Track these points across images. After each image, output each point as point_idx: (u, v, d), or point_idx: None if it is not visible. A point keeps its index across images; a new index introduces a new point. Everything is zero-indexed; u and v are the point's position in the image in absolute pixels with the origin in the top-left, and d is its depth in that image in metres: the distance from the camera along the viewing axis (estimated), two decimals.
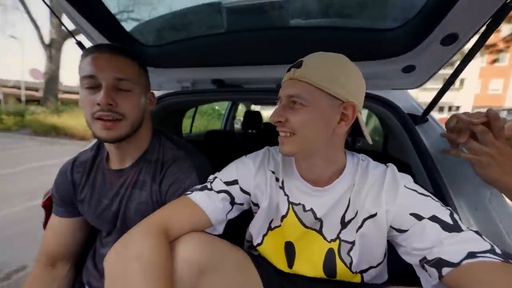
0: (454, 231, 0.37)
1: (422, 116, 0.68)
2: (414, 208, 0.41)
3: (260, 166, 0.56)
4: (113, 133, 0.52)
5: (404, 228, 0.42)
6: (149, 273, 0.33)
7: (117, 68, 0.53)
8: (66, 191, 0.63)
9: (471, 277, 0.31)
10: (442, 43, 0.59)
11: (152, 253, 0.35)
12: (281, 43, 0.80)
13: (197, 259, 0.38)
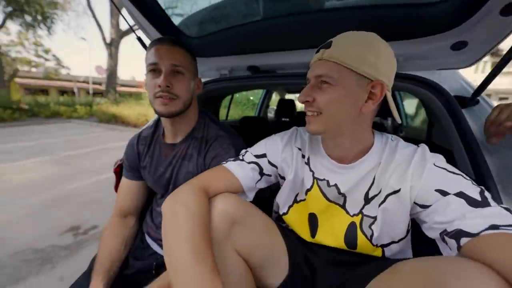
0: (480, 206, 0.35)
1: (472, 97, 0.61)
2: (441, 184, 0.40)
3: (287, 142, 0.60)
4: (169, 108, 0.63)
5: (427, 204, 0.42)
6: (191, 217, 0.41)
7: (174, 57, 0.64)
8: (133, 160, 0.79)
9: (488, 245, 0.31)
10: (502, 13, 0.52)
11: (194, 203, 0.44)
12: (316, 27, 0.80)
13: (230, 212, 0.46)
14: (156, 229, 0.75)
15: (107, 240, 0.72)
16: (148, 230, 0.78)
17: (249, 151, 0.61)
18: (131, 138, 0.83)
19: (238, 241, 0.45)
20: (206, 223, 0.43)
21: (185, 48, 0.68)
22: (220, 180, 0.52)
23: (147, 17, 0.85)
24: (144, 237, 0.78)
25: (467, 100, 0.63)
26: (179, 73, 0.65)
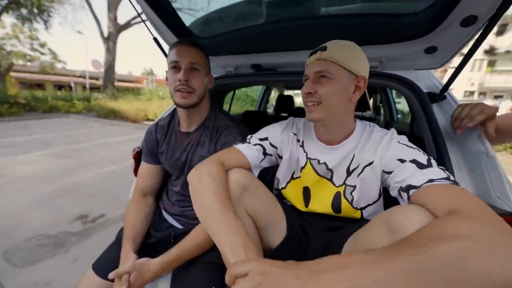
0: (425, 168, 0.48)
1: (440, 94, 0.74)
2: (401, 155, 0.53)
3: (284, 128, 0.73)
4: (187, 101, 0.75)
5: (391, 170, 0.54)
6: (215, 180, 0.53)
7: (192, 55, 0.75)
8: (152, 146, 0.90)
9: (427, 193, 0.43)
10: (462, 25, 0.64)
11: (216, 171, 0.56)
12: (312, 30, 0.92)
13: (242, 181, 0.57)
14: (172, 205, 0.87)
15: (130, 215, 0.84)
16: (164, 206, 0.90)
17: (254, 136, 0.72)
18: (149, 126, 0.95)
19: (247, 204, 0.57)
20: (225, 187, 0.54)
21: (201, 49, 0.79)
22: (232, 157, 0.64)
23: (163, 20, 0.95)
24: (162, 213, 0.90)
25: (437, 96, 0.75)
26: (195, 70, 0.76)
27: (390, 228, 0.41)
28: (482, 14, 0.60)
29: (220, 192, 0.50)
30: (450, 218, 0.35)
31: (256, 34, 1.01)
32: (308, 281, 0.32)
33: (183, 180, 0.85)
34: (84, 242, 1.87)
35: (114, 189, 2.89)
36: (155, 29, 1.02)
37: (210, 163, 0.58)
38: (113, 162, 3.95)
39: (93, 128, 7.34)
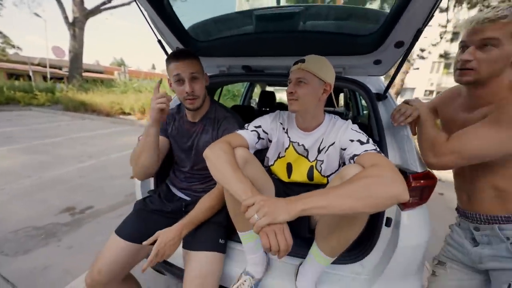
0: (364, 144, 0.73)
1: (383, 94, 1.02)
2: (351, 137, 0.78)
3: (273, 119, 0.95)
4: (195, 105, 0.93)
5: (345, 147, 0.79)
6: (226, 154, 0.72)
7: (190, 66, 0.91)
8: (164, 123, 1.05)
9: (363, 157, 0.68)
10: (395, 47, 0.92)
11: (226, 148, 0.75)
12: (293, 41, 1.14)
13: (244, 155, 0.77)
14: (180, 181, 1.05)
15: None
16: (173, 182, 1.08)
17: (250, 124, 0.93)
18: None
19: (248, 173, 0.77)
20: (234, 157, 0.74)
21: (194, 56, 0.95)
22: (236, 139, 0.84)
23: (166, 23, 1.09)
24: (170, 188, 1.08)
25: (381, 96, 1.03)
26: (196, 78, 0.93)
27: (340, 178, 0.66)
28: (406, 40, 0.87)
29: (230, 160, 0.70)
30: (370, 167, 0.61)
31: (247, 41, 1.20)
32: (290, 203, 0.55)
33: (192, 161, 1.03)
34: (77, 231, 1.93)
35: (97, 182, 2.88)
36: (158, 32, 1.16)
37: (220, 143, 0.78)
38: (91, 156, 3.85)
39: (63, 122, 6.86)
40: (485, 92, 0.71)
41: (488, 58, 0.66)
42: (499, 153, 0.65)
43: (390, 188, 0.54)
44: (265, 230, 0.53)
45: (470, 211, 0.78)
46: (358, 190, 0.54)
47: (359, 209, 0.54)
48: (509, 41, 0.63)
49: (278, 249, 0.53)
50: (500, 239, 0.70)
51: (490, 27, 0.64)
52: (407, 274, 0.85)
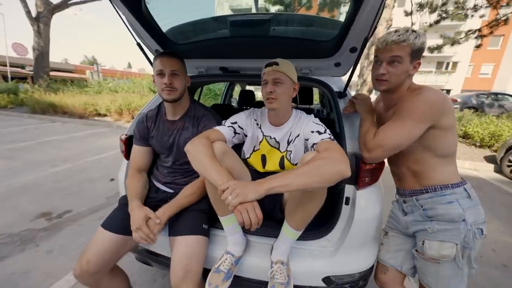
0: (321, 134, 0.87)
1: (343, 92, 1.18)
2: (313, 128, 0.91)
3: (248, 115, 1.06)
4: (171, 96, 1.00)
5: (308, 138, 0.92)
6: (205, 147, 0.81)
7: (172, 64, 0.99)
8: (144, 132, 1.11)
9: (319, 145, 0.82)
10: (350, 52, 1.08)
11: (205, 142, 0.83)
12: (264, 45, 1.26)
13: (222, 148, 0.87)
14: (164, 176, 1.12)
15: (132, 184, 1.05)
16: (157, 178, 1.14)
17: (227, 120, 1.03)
18: (139, 117, 1.16)
19: (226, 163, 0.87)
20: (212, 150, 0.83)
21: (178, 57, 1.04)
22: (214, 134, 0.93)
23: (144, 27, 1.15)
24: (153, 183, 1.14)
25: (341, 94, 1.19)
26: (176, 74, 1.01)
27: (301, 162, 0.79)
28: (358, 46, 1.03)
29: (209, 153, 0.80)
30: (323, 152, 0.75)
31: (223, 44, 1.30)
32: (258, 185, 0.67)
33: (173, 157, 1.11)
34: (56, 236, 1.89)
35: (75, 186, 2.79)
36: (137, 36, 1.21)
37: (200, 138, 0.87)
38: (65, 160, 3.68)
39: (30, 126, 6.38)
40: (394, 96, 0.92)
41: (396, 72, 0.84)
42: (409, 141, 0.82)
43: (336, 167, 0.68)
44: (238, 208, 0.64)
45: (400, 188, 0.98)
46: (311, 170, 0.68)
47: (312, 184, 0.67)
48: (408, 58, 0.83)
49: (250, 223, 0.64)
50: (417, 208, 0.89)
51: (395, 47, 0.82)
52: (364, 242, 1.01)
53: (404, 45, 0.82)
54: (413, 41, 0.81)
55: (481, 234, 0.81)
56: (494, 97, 10.08)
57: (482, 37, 8.42)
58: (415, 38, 0.81)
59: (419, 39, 0.81)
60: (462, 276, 0.83)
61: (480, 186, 3.47)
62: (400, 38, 0.81)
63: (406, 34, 0.81)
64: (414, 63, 0.85)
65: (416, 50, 0.82)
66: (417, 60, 0.85)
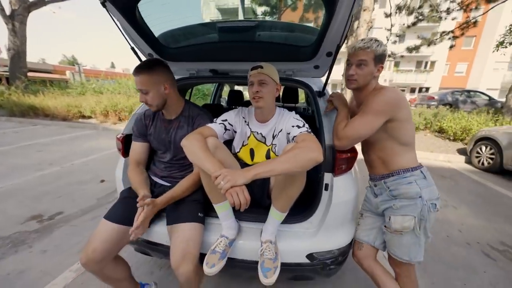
0: (300, 127, 1.00)
1: (322, 91, 1.32)
2: (293, 123, 1.04)
3: (237, 114, 1.17)
4: (152, 108, 1.11)
5: (289, 132, 1.05)
6: (199, 142, 0.91)
7: (141, 83, 1.04)
8: (142, 129, 1.20)
9: (298, 137, 0.95)
10: (326, 56, 1.21)
11: (199, 137, 0.94)
12: (251, 49, 1.38)
13: (214, 143, 0.97)
14: (161, 171, 1.21)
15: (135, 176, 1.14)
16: (155, 172, 1.23)
17: (218, 118, 1.14)
18: (137, 116, 1.24)
19: (219, 156, 0.98)
20: (206, 144, 0.94)
21: (148, 71, 1.04)
22: (207, 131, 1.03)
23: (138, 33, 1.23)
24: (151, 178, 1.23)
25: (320, 93, 1.33)
26: (146, 92, 1.06)
27: (283, 152, 0.92)
28: (333, 51, 1.17)
29: (203, 146, 0.90)
30: (301, 142, 0.88)
31: (212, 48, 1.40)
32: (246, 171, 0.78)
33: (171, 153, 1.20)
34: (49, 237, 1.91)
35: (64, 189, 2.77)
36: (130, 40, 1.28)
37: (194, 134, 0.97)
38: (51, 164, 3.61)
39: (9, 129, 6.11)
40: (362, 94, 1.08)
41: (362, 73, 1.00)
42: (371, 131, 0.98)
43: (310, 154, 0.82)
44: (229, 191, 0.75)
45: (371, 174, 1.14)
46: (290, 157, 0.80)
47: (292, 169, 0.80)
48: (372, 62, 0.99)
49: (239, 203, 0.76)
50: (385, 189, 1.05)
51: (361, 52, 0.98)
52: (342, 223, 1.15)
53: (368, 51, 0.97)
54: (375, 48, 0.96)
55: (435, 208, 0.98)
56: (467, 94, 10.82)
57: (455, 38, 9.00)
58: (377, 46, 0.96)
59: (380, 47, 0.96)
60: (419, 244, 0.99)
61: (452, 176, 3.78)
62: (365, 45, 0.97)
63: (370, 42, 0.97)
64: (378, 66, 1.00)
65: (379, 55, 0.98)
66: (380, 64, 1.00)
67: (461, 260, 1.78)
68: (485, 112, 5.97)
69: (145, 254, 1.31)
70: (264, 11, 6.61)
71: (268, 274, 0.93)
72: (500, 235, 2.14)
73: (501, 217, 2.47)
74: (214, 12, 13.03)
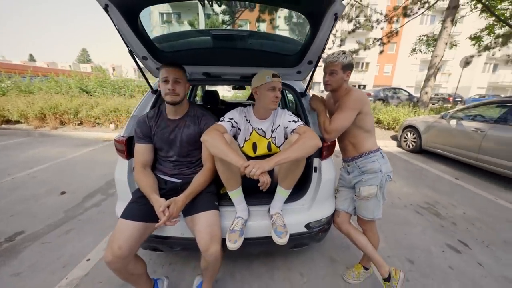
0: (296, 122, 1.25)
1: (304, 93, 1.60)
2: (289, 119, 1.28)
3: (239, 113, 1.33)
4: (174, 99, 1.18)
5: (286, 126, 1.29)
6: (219, 136, 1.06)
7: (175, 73, 1.17)
8: (146, 130, 1.23)
9: (298, 129, 1.19)
10: (308, 64, 1.49)
11: (218, 133, 1.09)
12: (242, 55, 1.55)
13: (229, 138, 1.13)
14: (170, 169, 1.28)
15: (142, 179, 1.17)
16: (163, 171, 1.29)
17: (226, 116, 1.28)
18: (140, 118, 1.27)
19: (234, 149, 1.14)
20: (225, 139, 1.08)
21: (181, 67, 1.21)
22: (220, 127, 1.17)
23: (137, 35, 1.26)
24: (160, 177, 1.28)
25: (302, 94, 1.61)
26: (178, 82, 1.19)
27: (289, 142, 1.15)
28: (313, 60, 1.45)
29: (224, 140, 1.06)
30: (303, 134, 1.12)
31: (206, 53, 1.52)
32: (269, 160, 0.99)
33: (178, 151, 1.28)
34: (17, 258, 1.69)
35: (15, 206, 2.38)
36: (127, 44, 1.29)
37: (212, 130, 1.12)
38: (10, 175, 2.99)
39: None
40: (337, 94, 1.39)
41: (334, 80, 1.31)
42: (349, 123, 1.30)
43: (314, 141, 1.07)
44: (260, 175, 0.96)
45: (345, 157, 1.48)
46: (299, 145, 1.05)
47: (302, 154, 1.04)
48: (341, 71, 1.29)
49: (265, 183, 0.98)
50: (356, 167, 1.39)
51: (331, 65, 1.29)
52: (327, 197, 1.46)
53: (336, 63, 1.28)
54: (342, 60, 1.27)
55: (389, 178, 1.36)
56: (394, 91, 13.19)
57: (383, 44, 10.83)
58: (343, 58, 1.27)
59: (346, 58, 1.27)
60: (379, 206, 1.37)
61: (389, 158, 4.71)
62: (333, 59, 1.28)
63: (337, 56, 1.27)
64: (346, 73, 1.31)
65: (345, 65, 1.29)
66: (348, 71, 1.31)
67: (402, 219, 2.36)
68: (407, 105, 7.50)
69: (155, 250, 1.36)
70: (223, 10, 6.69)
71: (282, 236, 1.16)
72: (424, 198, 2.88)
73: (423, 185, 3.29)
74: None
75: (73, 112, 6.06)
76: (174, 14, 11.23)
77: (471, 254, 1.87)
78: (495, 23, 9.41)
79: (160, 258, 1.70)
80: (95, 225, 2.11)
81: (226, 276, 1.55)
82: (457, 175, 3.71)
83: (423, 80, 8.06)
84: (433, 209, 2.59)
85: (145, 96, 1.53)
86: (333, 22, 1.12)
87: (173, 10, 11.99)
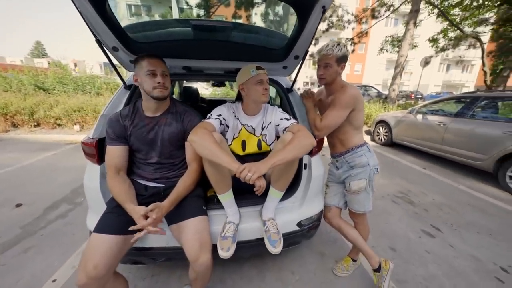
0: (288, 120, 1.21)
1: (290, 89, 1.57)
2: (280, 116, 1.23)
3: (228, 109, 1.25)
4: (164, 94, 1.07)
5: (278, 124, 1.24)
6: (208, 135, 0.96)
7: (162, 66, 1.06)
8: (120, 131, 1.08)
9: (290, 128, 1.16)
10: (294, 58, 1.46)
11: (207, 132, 0.99)
12: (225, 48, 1.46)
13: (219, 137, 1.04)
14: (151, 173, 1.15)
15: (116, 185, 1.03)
16: (143, 176, 1.15)
17: (213, 113, 1.18)
18: (112, 117, 1.11)
19: (224, 149, 1.06)
20: (215, 139, 0.99)
21: (163, 59, 1.10)
22: (208, 125, 1.07)
23: (105, 22, 1.09)
24: (139, 183, 1.14)
25: (289, 90, 1.57)
26: (166, 75, 1.08)
27: (282, 141, 1.10)
28: (300, 55, 1.42)
29: (214, 140, 0.97)
30: (297, 132, 1.08)
31: (186, 45, 1.40)
32: (265, 162, 0.93)
33: (158, 152, 1.15)
34: None
35: None
36: (93, 32, 1.12)
37: (201, 129, 1.02)
38: None
39: None
40: (331, 88, 1.37)
41: (328, 73, 1.29)
42: (341, 121, 1.30)
43: (309, 140, 1.04)
44: (255, 180, 0.90)
45: (333, 152, 1.48)
46: (296, 145, 1.00)
47: (299, 154, 1.00)
48: (335, 64, 1.27)
49: (261, 187, 0.91)
50: (345, 162, 1.40)
51: (325, 58, 1.26)
52: (317, 193, 1.46)
53: (331, 56, 1.24)
54: (336, 53, 1.24)
55: (377, 171, 1.40)
56: (365, 88, 14.01)
57: (354, 43, 11.42)
58: (338, 51, 1.24)
59: (340, 51, 1.24)
60: (369, 198, 1.40)
61: None
62: (327, 52, 1.24)
63: (332, 48, 1.23)
64: (341, 65, 1.29)
65: (340, 58, 1.26)
66: (342, 63, 1.29)
67: (381, 209, 2.49)
68: (378, 102, 8.00)
69: (135, 263, 1.23)
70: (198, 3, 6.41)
71: (276, 245, 1.11)
72: (398, 187, 3.08)
73: (396, 175, 3.52)
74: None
75: (28, 113, 5.36)
76: (143, 6, 10.44)
77: (443, 237, 2.03)
78: (449, 27, 10.48)
79: (140, 271, 1.56)
80: (62, 239, 1.86)
81: (216, 283, 1.47)
82: (425, 165, 4.05)
83: (390, 79, 8.68)
84: (407, 198, 2.78)
85: (117, 92, 1.37)
86: (321, 15, 1.10)
87: (142, 2, 11.16)
